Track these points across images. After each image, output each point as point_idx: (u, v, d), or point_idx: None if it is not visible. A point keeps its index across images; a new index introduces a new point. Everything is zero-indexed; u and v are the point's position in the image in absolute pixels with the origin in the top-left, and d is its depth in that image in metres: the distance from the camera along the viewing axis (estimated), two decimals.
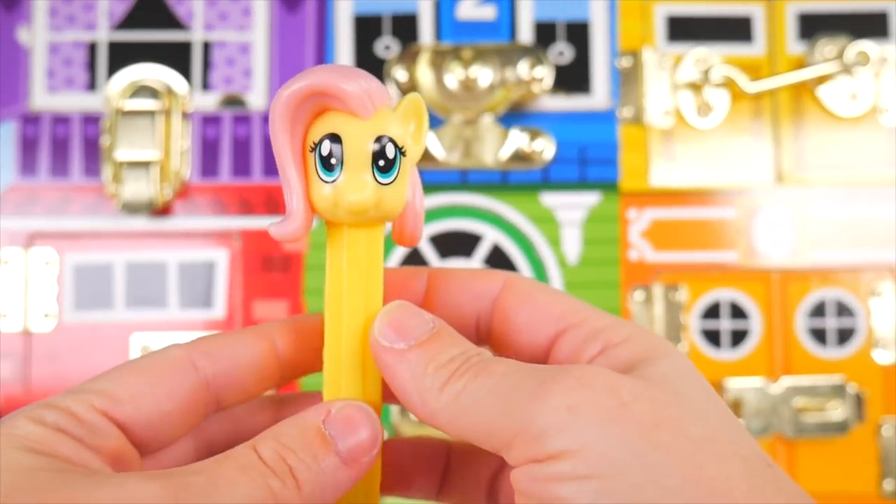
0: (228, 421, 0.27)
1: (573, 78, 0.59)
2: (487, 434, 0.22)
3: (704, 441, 0.20)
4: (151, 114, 0.57)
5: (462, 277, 0.27)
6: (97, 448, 0.22)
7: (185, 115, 0.58)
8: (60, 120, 0.58)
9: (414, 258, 0.58)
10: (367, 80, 0.23)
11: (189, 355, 0.24)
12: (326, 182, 0.23)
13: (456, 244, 0.58)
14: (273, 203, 0.58)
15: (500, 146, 0.58)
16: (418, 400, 0.23)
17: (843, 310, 0.58)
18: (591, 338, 0.24)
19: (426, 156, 0.58)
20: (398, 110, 0.24)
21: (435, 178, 0.58)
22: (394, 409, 0.56)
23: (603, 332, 0.24)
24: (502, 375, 0.22)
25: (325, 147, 0.23)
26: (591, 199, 0.58)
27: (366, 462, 0.23)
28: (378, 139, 0.23)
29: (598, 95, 0.59)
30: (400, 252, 0.58)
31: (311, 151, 0.23)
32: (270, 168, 0.58)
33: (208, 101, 0.58)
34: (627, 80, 0.59)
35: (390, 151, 0.23)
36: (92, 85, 0.58)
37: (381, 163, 0.23)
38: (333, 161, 0.23)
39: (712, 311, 0.58)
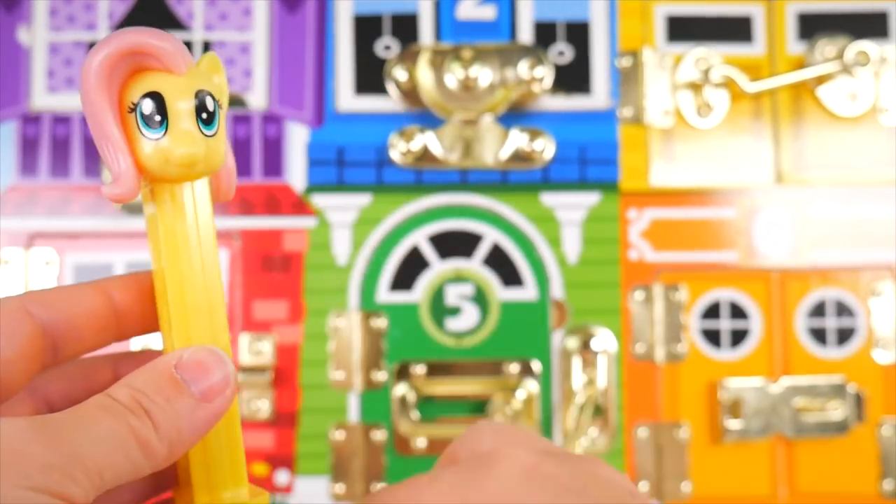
0: (66, 381, 0.27)
1: (573, 78, 0.59)
2: None
3: None
4: None
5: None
6: None
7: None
8: (61, 120, 0.58)
9: (414, 258, 0.58)
10: (175, 39, 0.24)
11: (24, 304, 0.25)
12: (151, 139, 0.24)
13: (456, 244, 0.58)
14: (274, 203, 0.58)
15: (500, 146, 0.58)
16: None
17: (843, 310, 0.58)
18: None
19: (426, 156, 0.58)
20: (201, 66, 0.25)
21: (435, 178, 0.58)
22: (393, 412, 0.56)
23: None
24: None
25: (147, 105, 0.24)
26: (591, 199, 0.58)
27: (220, 402, 0.24)
28: (198, 93, 0.24)
29: (598, 95, 0.59)
30: (400, 252, 0.58)
31: (131, 112, 0.24)
32: (271, 168, 0.58)
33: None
34: (627, 80, 0.59)
35: (210, 104, 0.24)
36: None
37: (204, 115, 0.24)
38: (158, 118, 0.24)
39: (712, 311, 0.58)
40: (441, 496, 0.23)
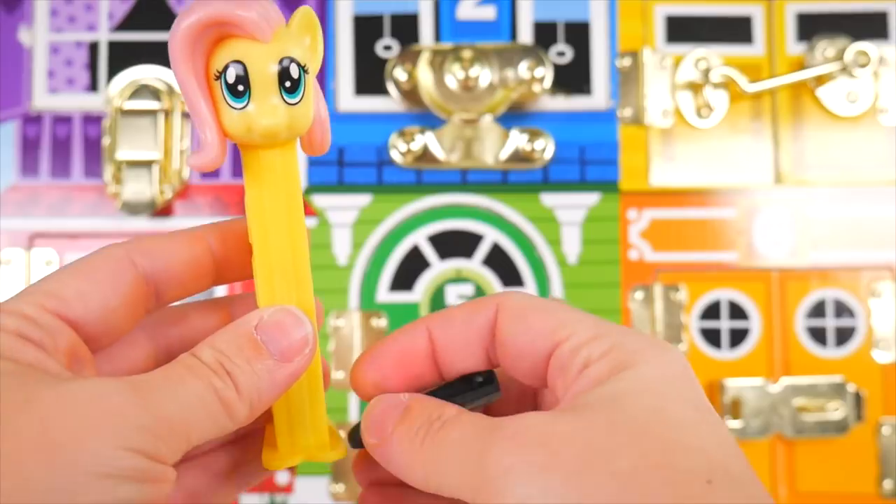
0: (184, 324, 0.28)
1: (573, 78, 0.59)
2: (459, 488, 0.23)
3: (630, 474, 0.21)
4: (152, 114, 0.57)
5: (460, 318, 0.27)
6: (54, 349, 0.23)
7: (186, 115, 0.58)
8: (61, 120, 0.58)
9: (414, 257, 0.58)
10: (261, 3, 0.24)
11: (127, 253, 0.25)
12: (236, 109, 0.24)
13: (456, 244, 0.58)
14: None
15: (500, 146, 0.58)
16: (416, 476, 0.24)
17: (842, 310, 0.58)
18: (573, 356, 0.24)
19: (426, 156, 0.58)
20: (292, 27, 0.25)
21: (435, 178, 0.58)
22: None
23: (585, 347, 0.24)
24: (458, 435, 0.24)
25: (231, 74, 0.24)
26: (590, 199, 0.58)
27: (299, 362, 0.25)
28: (281, 61, 0.24)
29: (598, 95, 0.59)
30: (400, 252, 0.58)
31: (216, 80, 0.24)
32: None
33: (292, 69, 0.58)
34: (627, 80, 0.59)
35: (294, 72, 0.24)
36: (93, 85, 0.59)
37: (288, 84, 0.24)
38: (241, 88, 0.24)
39: (712, 311, 0.58)
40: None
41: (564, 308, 0.26)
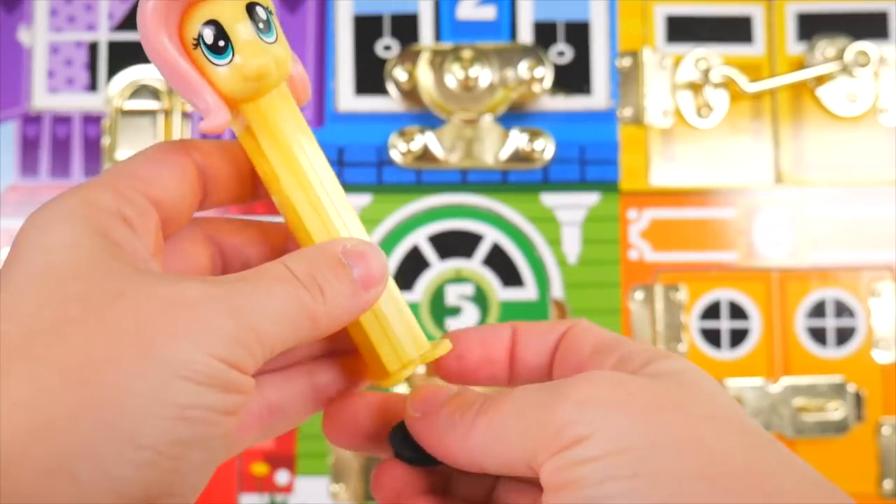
0: (243, 236, 0.29)
1: (573, 78, 0.59)
2: (519, 452, 0.24)
3: (706, 418, 0.23)
4: (152, 114, 0.57)
5: (545, 325, 0.29)
6: (145, 231, 0.24)
7: (186, 115, 0.58)
8: (61, 120, 0.58)
9: (414, 257, 0.58)
10: None
11: (184, 146, 0.26)
12: (224, 65, 0.25)
13: (456, 244, 0.58)
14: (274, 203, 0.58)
15: (500, 146, 0.58)
16: (457, 449, 0.25)
17: (842, 310, 0.58)
18: (610, 352, 0.27)
19: (426, 156, 0.58)
20: None
21: (435, 178, 0.58)
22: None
23: (621, 346, 0.27)
24: (520, 398, 0.24)
25: (208, 35, 0.24)
26: (590, 199, 0.58)
27: (375, 292, 0.26)
28: (247, 8, 0.25)
29: (598, 95, 0.59)
30: (400, 252, 0.58)
31: (196, 47, 0.25)
32: None
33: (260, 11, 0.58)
34: (627, 80, 0.59)
35: (262, 13, 0.25)
36: (92, 85, 0.59)
37: (261, 25, 0.25)
38: (221, 43, 0.24)
39: (712, 311, 0.58)
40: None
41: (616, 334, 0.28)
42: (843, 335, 0.58)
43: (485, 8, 0.60)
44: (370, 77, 0.59)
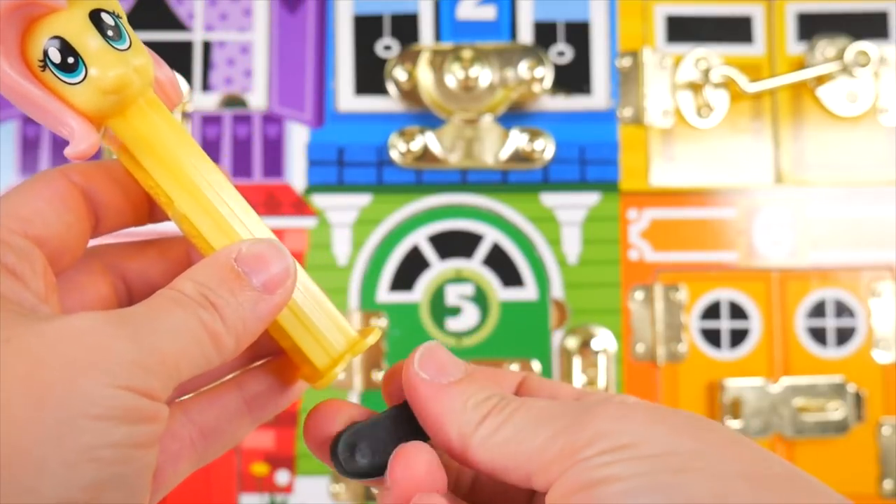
0: (143, 259, 0.27)
1: (573, 78, 0.59)
2: (525, 461, 0.23)
3: (740, 441, 0.23)
4: None
5: (499, 379, 0.27)
6: (32, 275, 0.22)
7: (186, 115, 0.58)
8: None
9: (414, 257, 0.58)
10: None
11: (64, 172, 0.25)
12: (78, 83, 0.23)
13: (456, 244, 0.58)
14: (274, 203, 0.58)
15: (500, 146, 0.58)
16: (455, 433, 0.24)
17: (842, 310, 0.58)
18: (568, 397, 0.26)
19: (426, 156, 0.58)
20: None
21: (435, 178, 0.58)
22: None
23: (575, 391, 0.26)
24: (542, 409, 0.24)
25: (54, 53, 0.22)
26: (591, 199, 0.58)
27: (282, 294, 0.24)
28: (91, 17, 0.23)
29: (598, 95, 0.59)
30: (400, 252, 0.58)
31: (44, 69, 0.23)
32: (271, 168, 0.58)
33: (208, 101, 0.59)
34: (627, 80, 0.59)
35: (109, 19, 0.23)
36: None
37: (110, 33, 0.23)
38: (70, 59, 0.23)
39: (712, 311, 0.58)
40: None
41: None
42: (843, 335, 0.58)
43: (485, 8, 0.60)
44: (370, 77, 0.59)
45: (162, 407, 0.21)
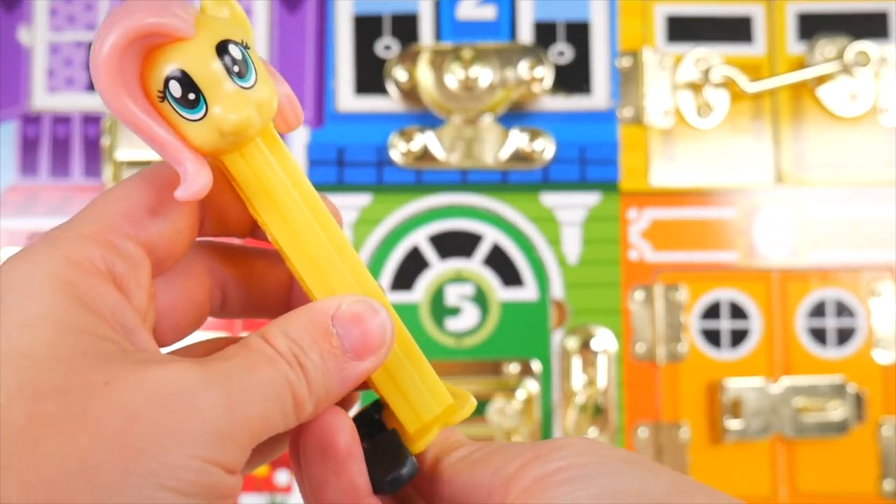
0: (244, 270, 0.26)
1: (573, 78, 0.59)
2: (490, 474, 0.23)
3: (667, 468, 0.22)
4: None
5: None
6: (137, 286, 0.22)
7: None
8: (61, 120, 0.58)
9: (414, 257, 0.58)
10: (163, 1, 0.21)
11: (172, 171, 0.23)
12: (197, 120, 0.21)
13: (456, 244, 0.58)
14: None
15: (500, 146, 0.58)
16: (431, 456, 0.25)
17: (843, 310, 0.58)
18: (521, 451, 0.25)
19: (426, 156, 0.58)
20: (206, 8, 0.22)
21: (435, 178, 0.58)
22: None
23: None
24: (510, 443, 0.24)
25: (175, 88, 0.21)
26: (591, 199, 0.58)
27: (374, 361, 0.23)
28: (218, 49, 0.21)
29: (598, 95, 0.59)
30: (400, 252, 0.58)
31: (162, 101, 0.21)
32: None
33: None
34: (627, 80, 0.59)
35: (237, 53, 0.21)
36: (92, 85, 0.58)
37: (236, 69, 0.21)
38: (192, 96, 0.21)
39: (712, 311, 0.58)
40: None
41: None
42: (844, 335, 0.58)
43: (485, 8, 0.60)
44: (370, 77, 0.59)
45: (238, 481, 0.20)
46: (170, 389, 0.19)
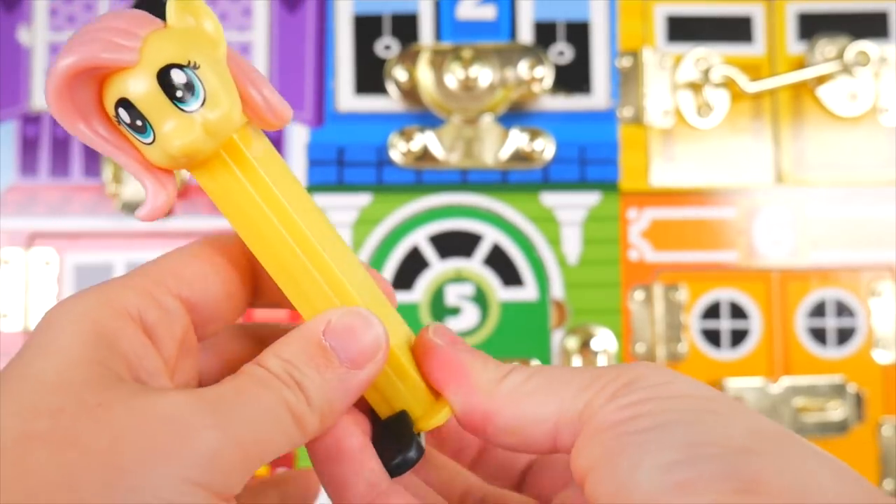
0: (254, 342, 0.26)
1: (573, 78, 0.59)
2: (555, 410, 0.22)
3: (746, 411, 0.22)
4: None
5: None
6: (167, 335, 0.22)
7: None
8: None
9: (414, 257, 0.58)
10: (111, 25, 0.21)
11: (236, 239, 0.24)
12: (147, 142, 0.22)
13: (456, 244, 0.58)
14: None
15: (500, 146, 0.58)
16: (479, 386, 0.23)
17: (843, 310, 0.58)
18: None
19: (426, 156, 0.58)
20: (171, 20, 0.22)
21: (435, 178, 0.58)
22: None
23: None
24: (568, 368, 0.23)
25: (124, 114, 0.21)
26: (591, 199, 0.58)
27: (371, 368, 0.23)
28: (158, 77, 0.21)
29: (598, 95, 0.59)
30: (400, 252, 0.58)
31: (119, 125, 0.22)
32: None
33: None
34: (627, 80, 0.59)
35: (180, 77, 0.21)
36: None
37: (179, 94, 0.21)
38: (139, 122, 0.21)
39: (712, 311, 0.58)
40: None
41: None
42: (844, 335, 0.58)
43: (485, 8, 0.60)
44: (370, 77, 0.59)
45: None
46: (160, 413, 0.20)
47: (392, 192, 0.58)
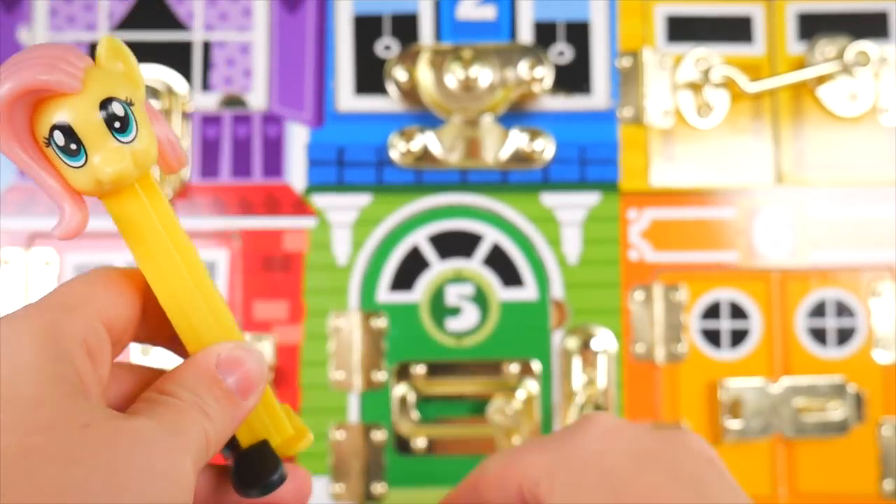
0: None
1: (573, 78, 0.59)
2: (530, 471, 0.28)
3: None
4: None
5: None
6: (103, 362, 0.24)
7: (186, 115, 0.58)
8: None
9: (414, 257, 0.58)
10: (59, 57, 0.22)
11: (129, 273, 0.26)
12: (77, 167, 0.23)
13: (456, 244, 0.58)
14: (273, 203, 0.58)
15: (500, 146, 0.58)
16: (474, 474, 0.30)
17: (843, 310, 0.58)
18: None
19: (426, 156, 0.58)
20: (101, 61, 0.24)
21: (435, 178, 0.58)
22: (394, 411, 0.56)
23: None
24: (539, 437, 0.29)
25: (59, 137, 0.23)
26: (591, 199, 0.58)
27: (254, 398, 0.25)
28: (102, 106, 0.23)
29: (598, 95, 0.59)
30: (400, 252, 0.58)
31: (47, 146, 0.23)
32: (271, 168, 0.58)
33: (208, 101, 0.59)
34: (627, 80, 0.59)
35: (119, 110, 0.23)
36: None
37: (117, 125, 0.23)
38: (73, 146, 0.23)
39: (712, 311, 0.58)
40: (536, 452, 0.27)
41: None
42: (844, 335, 0.58)
43: (485, 8, 0.60)
44: (370, 77, 0.59)
45: None
46: (141, 436, 0.21)
47: (392, 192, 0.58)
